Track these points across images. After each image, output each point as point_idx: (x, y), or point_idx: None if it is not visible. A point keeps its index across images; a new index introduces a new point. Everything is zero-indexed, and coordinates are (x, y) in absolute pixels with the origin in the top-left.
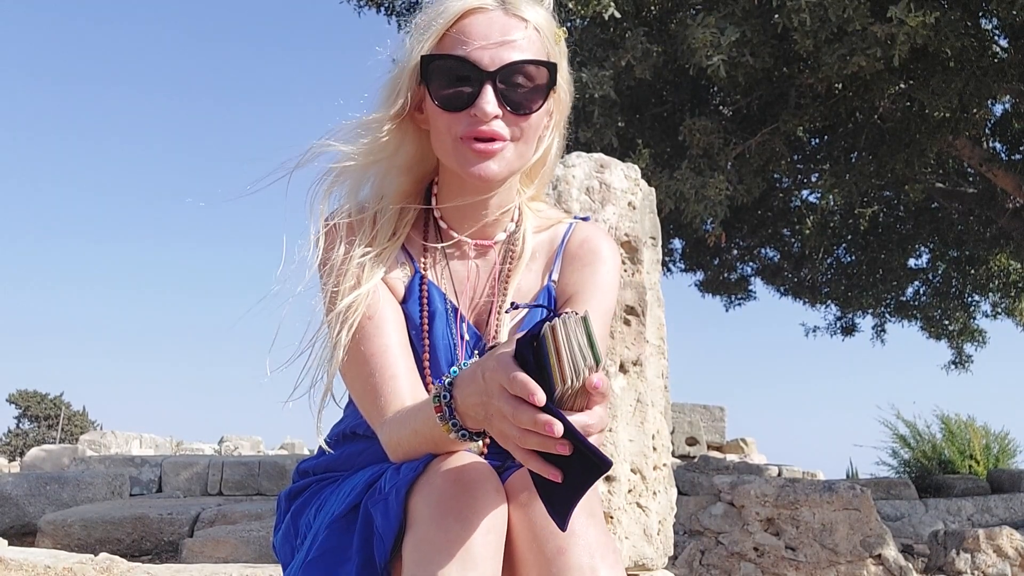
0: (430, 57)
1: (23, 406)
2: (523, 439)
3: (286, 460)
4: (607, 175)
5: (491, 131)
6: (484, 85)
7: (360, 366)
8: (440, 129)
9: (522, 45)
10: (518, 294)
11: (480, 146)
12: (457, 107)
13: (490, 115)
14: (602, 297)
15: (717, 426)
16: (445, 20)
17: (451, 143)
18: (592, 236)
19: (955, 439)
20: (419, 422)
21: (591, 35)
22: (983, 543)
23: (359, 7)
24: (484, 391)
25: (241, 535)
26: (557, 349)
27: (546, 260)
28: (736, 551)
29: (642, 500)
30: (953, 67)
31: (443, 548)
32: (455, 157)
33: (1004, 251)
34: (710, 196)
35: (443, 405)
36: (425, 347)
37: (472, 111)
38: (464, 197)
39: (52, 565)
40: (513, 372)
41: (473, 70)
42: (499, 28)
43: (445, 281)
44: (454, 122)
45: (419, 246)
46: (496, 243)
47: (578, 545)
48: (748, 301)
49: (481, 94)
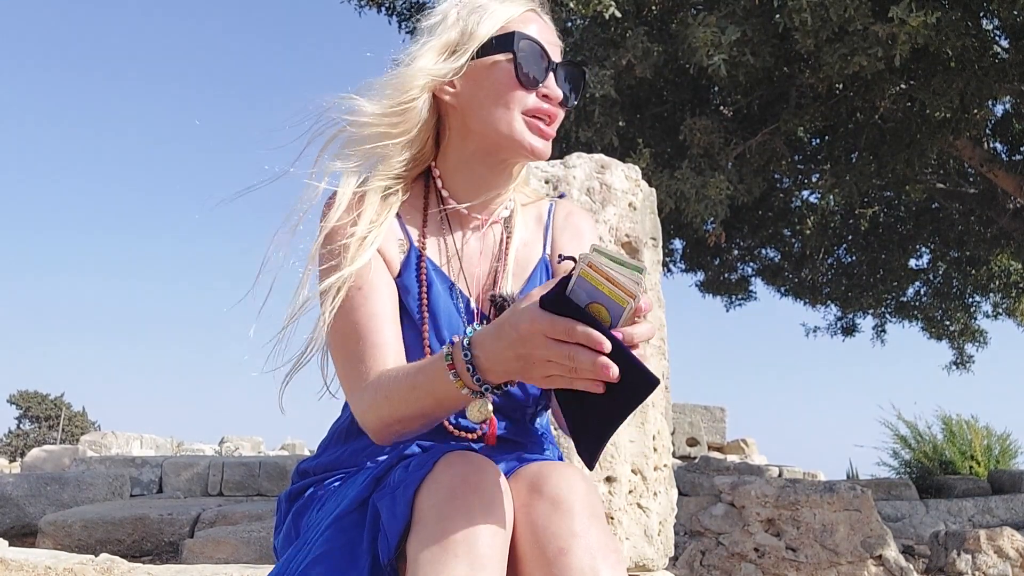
0: (523, 33)
1: (24, 407)
2: (574, 378)
3: (287, 461)
4: (608, 176)
5: (555, 111)
6: (553, 71)
7: (346, 335)
8: (506, 101)
9: (560, 52)
10: (517, 266)
11: (544, 127)
12: (532, 84)
13: (560, 97)
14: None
15: (718, 427)
16: (511, 11)
17: (515, 117)
18: (574, 211)
19: (956, 440)
20: (422, 378)
21: (592, 35)
22: (984, 544)
23: (360, 7)
24: (521, 343)
25: (242, 536)
26: (607, 277)
27: (539, 234)
28: (737, 552)
29: (643, 501)
30: (954, 67)
31: (450, 547)
32: (515, 130)
33: (1005, 251)
34: (710, 196)
35: (465, 362)
36: (424, 317)
37: (544, 91)
38: (478, 177)
39: (53, 566)
40: (564, 323)
41: (547, 58)
42: (553, 32)
43: (445, 255)
44: (523, 97)
45: (419, 222)
46: (497, 222)
47: (580, 546)
48: (748, 301)
49: (551, 78)
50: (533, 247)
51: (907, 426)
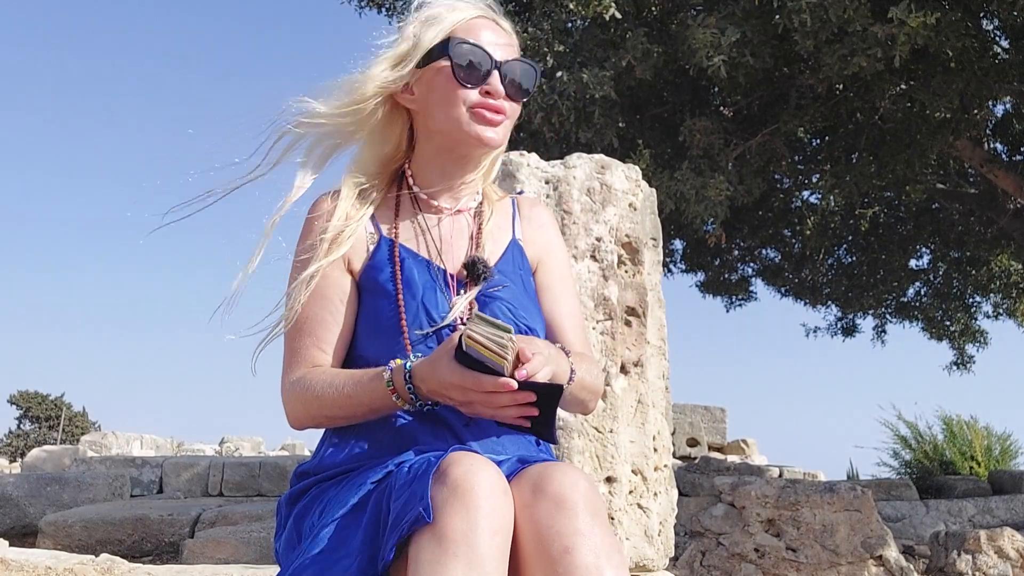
0: (454, 39)
1: (24, 407)
2: (499, 414)
3: (287, 461)
4: (608, 176)
5: (499, 105)
6: (496, 70)
7: (296, 329)
8: (452, 101)
9: (515, 51)
10: (491, 243)
11: (490, 115)
12: (473, 82)
13: (501, 92)
14: (562, 254)
15: (718, 427)
16: (458, 18)
17: (463, 112)
18: (535, 203)
19: (956, 440)
20: (360, 392)
21: (592, 36)
22: (984, 544)
23: (360, 8)
24: (445, 389)
25: (242, 536)
26: (484, 347)
27: (507, 221)
28: (737, 552)
29: (643, 501)
30: (954, 68)
31: (450, 547)
32: (465, 123)
33: (1005, 252)
34: (711, 197)
35: (408, 393)
36: (398, 288)
37: (485, 87)
38: (445, 170)
39: (53, 566)
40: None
41: (488, 57)
42: (501, 34)
43: (419, 240)
44: (466, 95)
45: (391, 217)
46: (468, 209)
47: (584, 545)
48: (749, 302)
49: (493, 76)
50: (504, 231)
51: (907, 426)
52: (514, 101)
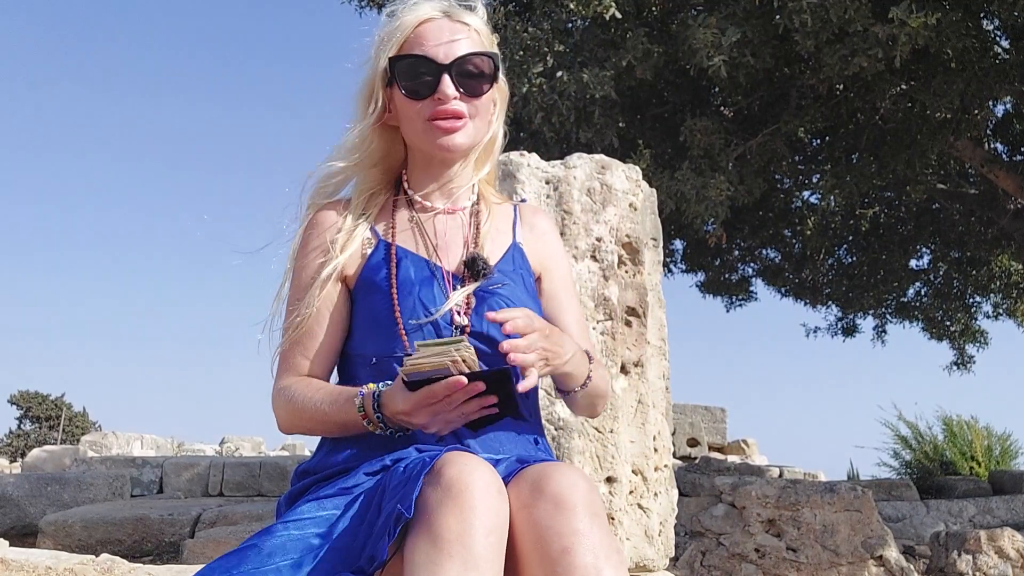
0: (396, 58)
1: (24, 407)
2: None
3: (287, 461)
4: (608, 176)
5: (453, 110)
6: (442, 75)
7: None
8: (411, 117)
9: (467, 43)
10: (490, 243)
11: (445, 123)
12: (423, 95)
13: (450, 97)
14: (565, 261)
15: (718, 427)
16: (403, 31)
17: (421, 126)
18: (537, 210)
19: (956, 440)
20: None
21: (592, 36)
22: (984, 544)
23: (360, 8)
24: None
25: (242, 536)
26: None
27: (508, 225)
28: (737, 552)
29: (643, 501)
30: (954, 68)
31: (445, 547)
32: (425, 136)
33: (1005, 252)
34: (711, 197)
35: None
36: (392, 284)
37: (436, 96)
38: (433, 172)
39: (53, 566)
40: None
41: (432, 64)
42: (448, 31)
43: (416, 240)
44: (422, 108)
45: (389, 220)
46: (463, 209)
47: (583, 545)
48: (749, 302)
49: (441, 82)
50: (504, 234)
51: (908, 426)
52: (473, 97)
